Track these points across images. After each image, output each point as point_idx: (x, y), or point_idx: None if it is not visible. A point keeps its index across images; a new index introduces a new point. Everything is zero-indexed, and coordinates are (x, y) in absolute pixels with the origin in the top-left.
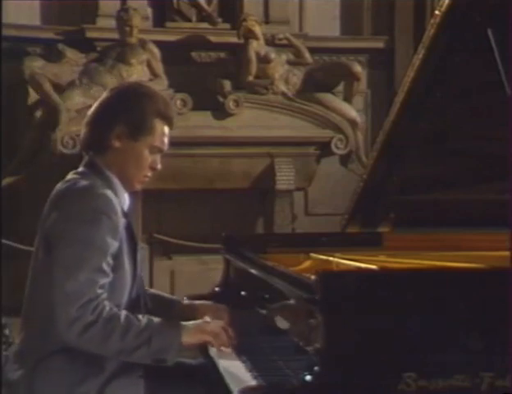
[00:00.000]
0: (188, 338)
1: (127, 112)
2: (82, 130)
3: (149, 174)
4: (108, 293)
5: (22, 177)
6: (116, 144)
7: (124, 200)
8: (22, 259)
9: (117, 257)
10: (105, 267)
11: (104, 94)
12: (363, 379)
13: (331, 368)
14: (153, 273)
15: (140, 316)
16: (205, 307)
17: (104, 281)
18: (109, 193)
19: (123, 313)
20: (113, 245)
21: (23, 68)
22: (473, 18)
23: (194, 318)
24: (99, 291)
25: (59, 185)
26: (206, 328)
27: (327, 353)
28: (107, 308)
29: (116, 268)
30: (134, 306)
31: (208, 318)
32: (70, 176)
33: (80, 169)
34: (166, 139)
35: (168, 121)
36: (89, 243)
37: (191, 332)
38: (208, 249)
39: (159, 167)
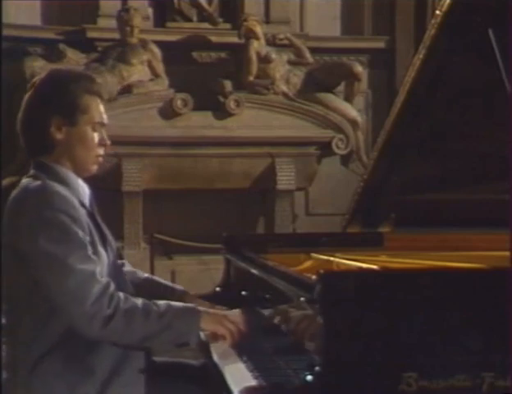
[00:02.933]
0: (205, 325)
1: (56, 102)
2: (20, 138)
3: (101, 152)
4: None
5: (22, 177)
6: (58, 136)
7: (82, 191)
8: None
9: (92, 247)
10: (91, 254)
11: (26, 96)
12: (364, 379)
13: (332, 369)
14: (153, 273)
15: (159, 302)
16: (209, 305)
17: (98, 268)
18: (61, 189)
19: (140, 300)
20: (85, 236)
21: (24, 68)
22: (473, 18)
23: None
24: (102, 279)
25: (13, 192)
26: (224, 322)
27: (328, 353)
28: (123, 297)
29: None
30: None
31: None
32: (22, 181)
33: (30, 172)
34: (103, 112)
35: (97, 93)
36: (64, 240)
37: (209, 319)
38: (209, 249)
39: (108, 142)
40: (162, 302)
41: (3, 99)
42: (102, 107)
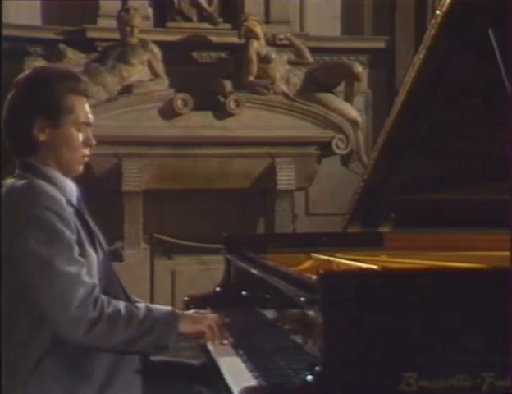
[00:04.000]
0: (184, 327)
1: (38, 102)
2: (5, 138)
3: (87, 152)
4: None
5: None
6: (42, 137)
7: (69, 190)
8: None
9: (80, 246)
10: (77, 256)
11: (9, 94)
12: (364, 379)
13: (332, 368)
14: (153, 273)
15: (139, 304)
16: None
17: (84, 269)
18: (48, 188)
19: (122, 304)
20: (71, 235)
21: (24, 68)
22: (473, 18)
23: None
24: (88, 281)
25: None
26: (202, 321)
27: (328, 353)
28: (106, 301)
29: (82, 257)
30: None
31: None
32: (8, 181)
33: (16, 172)
34: (89, 112)
35: (83, 92)
36: (50, 240)
37: (187, 321)
38: (209, 249)
39: (94, 142)
40: (141, 305)
41: (3, 99)
42: (87, 107)
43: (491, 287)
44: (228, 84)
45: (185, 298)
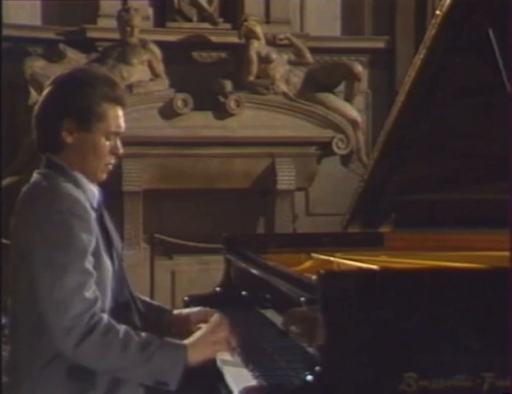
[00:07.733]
0: (197, 356)
1: (72, 105)
2: (33, 132)
3: (112, 161)
4: None
5: (22, 177)
6: (69, 139)
7: (92, 194)
8: None
9: (96, 253)
10: (88, 266)
11: (45, 90)
12: (364, 379)
13: (332, 368)
14: (153, 273)
15: (143, 333)
16: (194, 314)
17: (91, 281)
18: (74, 191)
19: (122, 327)
20: (90, 241)
21: (24, 68)
22: (473, 18)
23: (185, 327)
24: (89, 296)
25: (24, 188)
26: (213, 339)
27: (329, 353)
28: (105, 320)
29: (96, 265)
30: (123, 308)
31: (202, 325)
32: (33, 176)
33: (42, 170)
34: (121, 121)
35: (118, 101)
36: (66, 246)
37: (199, 348)
38: (209, 249)
39: (121, 151)
40: (145, 334)
41: (3, 99)
42: (120, 116)
43: (491, 287)
44: (228, 84)
45: (185, 298)
